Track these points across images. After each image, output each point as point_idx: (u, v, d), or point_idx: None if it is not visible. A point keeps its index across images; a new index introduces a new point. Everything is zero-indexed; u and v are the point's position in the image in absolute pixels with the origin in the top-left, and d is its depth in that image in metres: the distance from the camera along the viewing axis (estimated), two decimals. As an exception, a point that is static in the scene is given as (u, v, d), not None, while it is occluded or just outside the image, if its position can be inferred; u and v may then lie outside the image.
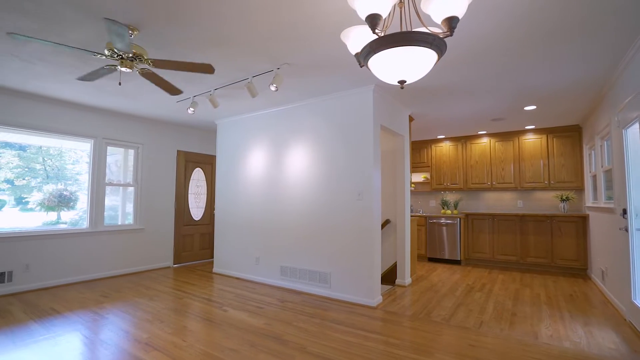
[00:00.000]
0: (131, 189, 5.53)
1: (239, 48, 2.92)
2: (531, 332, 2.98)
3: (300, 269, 4.33)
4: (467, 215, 6.35)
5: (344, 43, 2.81)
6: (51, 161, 4.78)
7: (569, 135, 5.72)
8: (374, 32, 1.39)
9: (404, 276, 4.58)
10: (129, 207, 5.52)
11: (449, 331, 3.02)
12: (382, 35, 1.42)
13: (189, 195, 6.25)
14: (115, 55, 2.51)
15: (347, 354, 2.56)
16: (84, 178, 4.99)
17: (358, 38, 1.64)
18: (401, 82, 1.54)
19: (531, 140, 6.03)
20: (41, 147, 4.67)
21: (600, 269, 4.45)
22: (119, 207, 5.43)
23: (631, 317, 3.14)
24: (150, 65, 2.69)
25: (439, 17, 1.38)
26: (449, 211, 6.65)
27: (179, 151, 6.09)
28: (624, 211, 3.22)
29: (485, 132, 6.42)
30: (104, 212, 5.12)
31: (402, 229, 4.63)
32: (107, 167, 5.20)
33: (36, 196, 4.62)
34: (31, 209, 4.57)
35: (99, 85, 3.90)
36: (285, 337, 2.85)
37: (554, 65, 3.24)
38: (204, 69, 2.81)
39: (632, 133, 3.10)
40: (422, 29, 1.48)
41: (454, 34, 1.45)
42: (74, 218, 4.93)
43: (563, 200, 5.72)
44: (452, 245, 6.24)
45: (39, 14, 2.40)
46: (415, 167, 7.22)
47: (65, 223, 4.85)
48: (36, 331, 2.98)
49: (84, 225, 4.93)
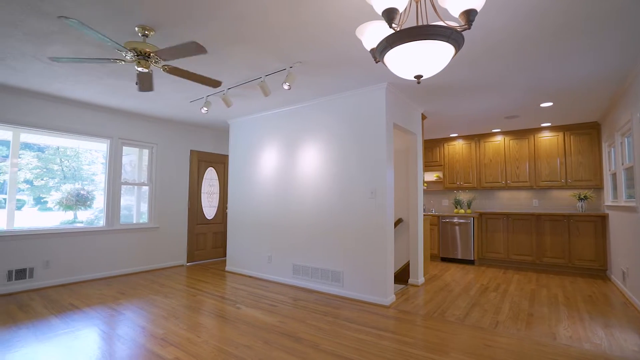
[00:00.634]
0: (145, 188, 5.62)
1: (252, 47, 2.94)
2: (549, 333, 2.92)
3: (313, 267, 4.34)
4: (480, 215, 6.26)
5: (357, 40, 2.80)
6: (68, 162, 4.90)
7: (587, 133, 5.58)
8: (390, 27, 1.38)
9: (417, 275, 4.54)
10: (143, 207, 5.62)
11: (464, 331, 2.98)
12: (399, 29, 1.41)
13: (201, 194, 6.32)
14: (135, 55, 2.56)
15: (361, 352, 2.55)
16: (99, 178, 5.10)
17: (373, 34, 1.64)
18: (418, 77, 1.53)
19: (547, 138, 5.90)
20: (58, 148, 4.79)
21: (621, 269, 4.32)
22: (132, 206, 5.53)
23: (654, 318, 3.04)
24: (166, 71, 2.74)
25: (456, 10, 1.36)
26: (462, 210, 6.56)
27: (192, 151, 6.17)
28: (647, 209, 3.12)
29: (499, 130, 6.31)
30: (120, 211, 5.23)
31: (415, 227, 4.59)
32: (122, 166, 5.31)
33: (55, 195, 4.74)
34: (49, 208, 4.69)
35: (116, 86, 3.98)
36: (299, 335, 2.86)
37: (572, 60, 3.16)
38: (212, 83, 2.88)
39: (655, 129, 3.01)
40: (439, 23, 1.46)
41: (471, 27, 1.43)
42: (89, 218, 5.04)
43: (581, 199, 5.58)
44: (465, 244, 6.15)
45: (59, 15, 2.45)
46: (427, 166, 7.15)
47: (82, 222, 4.96)
48: (56, 326, 3.06)
49: (100, 224, 5.04)
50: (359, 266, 3.91)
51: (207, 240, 6.36)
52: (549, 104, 4.52)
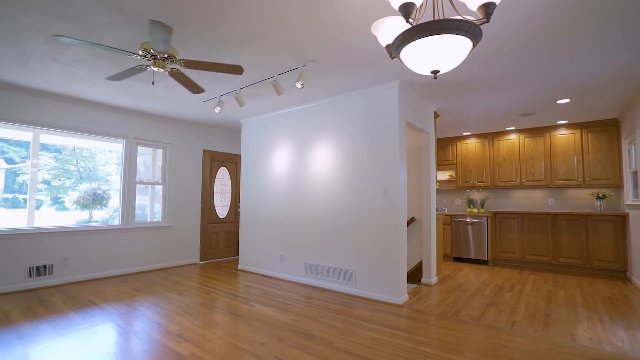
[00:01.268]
0: (158, 188, 5.72)
1: (265, 45, 2.96)
2: (567, 334, 2.86)
3: (325, 266, 4.34)
4: (494, 214, 6.16)
5: (370, 37, 2.79)
6: (84, 162, 5.01)
7: (606, 130, 5.43)
8: (407, 22, 1.38)
9: (430, 275, 4.50)
10: (157, 207, 5.71)
11: (479, 331, 2.94)
12: (416, 24, 1.40)
13: (214, 193, 6.39)
14: (148, 56, 2.61)
15: (375, 350, 2.54)
16: (114, 178, 5.21)
17: (389, 29, 1.63)
18: (435, 72, 1.52)
19: (564, 135, 5.77)
20: (75, 149, 4.90)
21: (641, 270, 4.20)
22: (146, 206, 5.63)
23: (679, 320, 2.95)
24: (182, 65, 2.77)
25: (474, 4, 1.34)
26: (475, 210, 6.47)
27: (204, 150, 6.24)
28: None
29: (513, 128, 6.20)
30: (135, 210, 5.32)
31: (428, 226, 4.55)
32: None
33: (72, 195, 4.86)
34: (66, 208, 4.81)
35: (131, 87, 4.06)
36: (312, 333, 2.87)
37: (591, 54, 3.08)
38: (234, 70, 2.87)
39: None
40: (456, 17, 1.44)
41: (490, 20, 1.41)
42: (104, 217, 5.15)
43: (599, 198, 5.44)
44: (479, 244, 6.07)
45: (78, 18, 2.52)
46: (439, 165, 7.08)
47: (97, 222, 5.07)
48: (76, 321, 3.13)
49: (115, 223, 5.14)
50: (371, 265, 3.90)
51: (220, 239, 6.42)
52: (566, 100, 4.43)
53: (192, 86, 3.29)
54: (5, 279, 4.04)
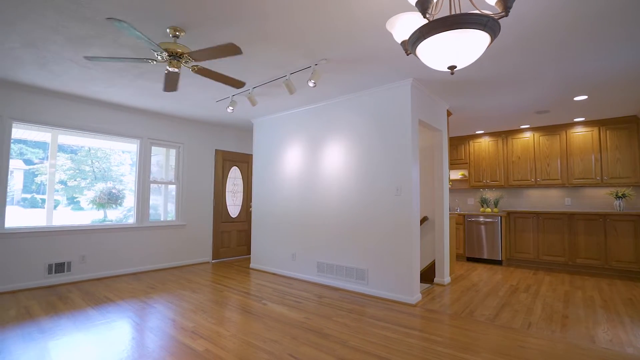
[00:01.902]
0: (171, 188, 5.80)
1: (278, 44, 2.97)
2: (587, 336, 2.79)
3: (337, 265, 4.33)
4: (508, 214, 6.06)
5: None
6: (98, 163, 5.12)
7: (625, 127, 5.29)
8: (424, 17, 1.36)
9: (443, 275, 4.45)
10: (170, 207, 5.79)
11: (494, 331, 2.89)
12: (432, 19, 1.39)
13: (226, 193, 6.45)
14: (164, 58, 2.65)
15: (389, 349, 2.53)
16: (127, 179, 5.31)
17: (405, 26, 1.62)
18: (451, 67, 1.50)
19: (581, 133, 5.64)
20: (90, 150, 5.01)
21: (663, 271, 4.07)
22: (159, 205, 5.71)
23: None
24: (194, 71, 2.82)
25: (493, -2, 1.33)
26: (488, 209, 6.37)
27: (217, 150, 6.31)
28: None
29: (528, 126, 6.09)
30: (149, 209, 5.41)
31: (441, 226, 4.50)
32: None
33: (88, 194, 4.97)
34: (81, 208, 4.91)
35: (146, 87, 4.12)
36: (325, 331, 2.87)
37: (610, 49, 3.01)
38: (236, 84, 2.94)
39: None
40: (474, 12, 1.43)
41: (509, 14, 1.39)
42: (118, 217, 5.24)
43: (618, 197, 5.30)
44: (492, 244, 5.97)
45: (97, 20, 2.58)
46: (452, 164, 7.00)
47: (111, 221, 5.17)
48: (93, 316, 3.20)
49: (129, 222, 5.24)
50: (384, 264, 3.88)
51: (232, 238, 6.48)
52: (584, 97, 4.32)
53: (229, 81, 3.14)
54: (27, 275, 4.16)
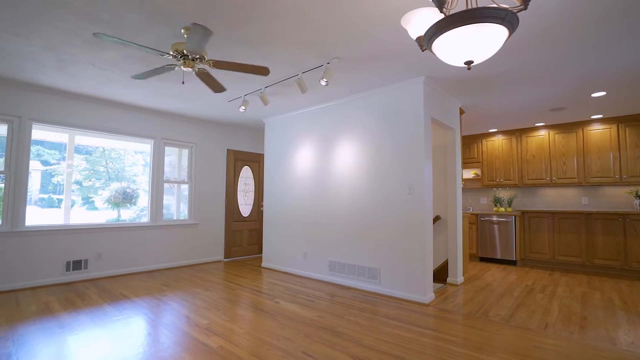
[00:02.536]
0: (183, 188, 5.87)
1: (291, 43, 2.99)
2: (607, 338, 2.72)
3: (349, 264, 4.33)
4: (523, 213, 5.95)
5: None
6: (112, 164, 5.22)
7: (645, 124, 5.14)
8: (441, 12, 1.35)
9: (456, 274, 4.41)
10: (182, 207, 5.86)
11: (509, 331, 2.85)
12: (449, 14, 1.38)
13: (237, 192, 6.50)
14: (179, 56, 2.68)
15: (403, 348, 2.51)
16: (140, 179, 5.39)
17: (420, 21, 1.61)
18: (468, 63, 1.48)
19: (598, 130, 5.50)
20: (104, 151, 5.11)
21: (686, 272, 3.94)
22: (171, 205, 5.78)
23: None
24: (210, 66, 2.84)
25: (512, -9, 1.31)
26: (502, 209, 6.27)
27: (228, 150, 6.37)
28: None
29: (543, 124, 5.97)
30: (163, 208, 5.49)
31: (454, 225, 4.45)
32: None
33: (104, 194, 5.07)
34: (96, 207, 5.01)
35: (160, 88, 4.19)
36: (338, 330, 2.87)
37: (631, 44, 2.93)
38: (260, 71, 2.92)
39: None
40: (491, 5, 1.41)
41: (527, 7, 1.37)
42: (132, 216, 5.34)
43: (638, 196, 5.15)
44: (506, 244, 5.88)
45: (113, 22, 2.63)
46: (464, 163, 6.91)
47: (125, 220, 5.26)
48: (110, 313, 3.27)
49: (143, 221, 5.33)
50: (396, 263, 3.86)
51: (243, 237, 6.53)
52: (602, 93, 4.22)
53: (216, 85, 3.35)
54: (46, 272, 4.27)
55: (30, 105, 4.24)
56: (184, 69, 2.72)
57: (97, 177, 5.05)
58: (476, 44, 1.41)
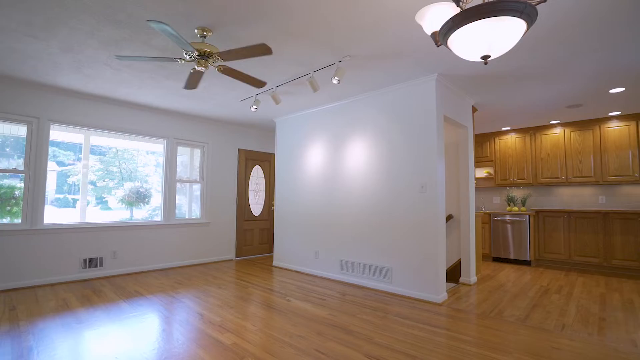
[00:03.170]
0: (195, 188, 5.94)
1: (303, 42, 2.99)
2: (627, 340, 2.65)
3: (360, 263, 4.31)
4: (537, 212, 5.85)
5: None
6: (125, 164, 5.30)
7: (665, 121, 4.99)
8: (458, 5, 1.34)
9: (469, 274, 4.35)
10: (194, 207, 5.92)
11: (525, 332, 2.80)
12: (466, 8, 1.36)
13: (249, 191, 6.55)
14: (191, 58, 2.72)
15: (416, 347, 2.49)
16: (152, 179, 5.46)
17: (435, 16, 1.59)
18: (485, 57, 1.47)
19: (616, 128, 5.36)
20: (117, 152, 5.19)
21: None
22: (182, 205, 5.83)
23: None
24: (220, 70, 2.88)
25: (531, -17, 1.28)
26: (515, 208, 6.17)
27: (239, 149, 6.42)
28: None
29: (558, 122, 5.85)
30: (175, 208, 5.56)
31: (467, 224, 4.40)
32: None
33: (118, 193, 5.16)
34: (109, 207, 5.10)
35: (174, 88, 4.25)
36: (351, 328, 2.86)
37: (651, 38, 2.85)
38: (256, 83, 2.97)
39: None
40: (509, -1, 1.39)
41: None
42: (144, 216, 5.41)
43: (658, 195, 5.01)
44: (519, 244, 5.78)
45: (129, 23, 2.68)
46: (476, 162, 6.82)
47: (138, 220, 5.34)
48: (125, 309, 3.33)
49: (156, 219, 5.41)
50: (409, 262, 3.83)
51: (254, 236, 6.57)
52: (620, 89, 4.11)
53: (251, 80, 3.23)
54: (64, 269, 4.37)
55: (48, 106, 4.35)
56: (198, 68, 2.76)
57: (110, 178, 5.14)
58: (493, 38, 1.39)
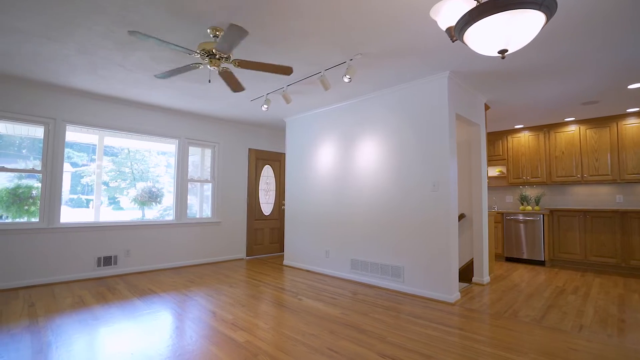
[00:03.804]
0: (206, 187, 5.99)
1: (315, 41, 2.99)
2: (648, 341, 2.58)
3: (372, 262, 4.29)
4: (551, 212, 5.73)
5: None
6: (137, 165, 5.38)
7: (686, 118, 4.85)
8: (475, -1, 1.32)
9: (482, 274, 4.29)
10: (205, 206, 5.97)
11: (541, 332, 2.75)
12: (483, 1, 1.34)
13: (259, 191, 6.58)
14: (205, 55, 2.74)
15: (429, 346, 2.47)
16: (163, 179, 5.52)
17: (451, 11, 1.57)
18: (502, 51, 1.44)
19: (634, 125, 5.22)
20: (129, 153, 5.27)
21: None
22: (193, 205, 5.88)
23: None
24: (236, 65, 2.89)
25: (551, -25, 1.26)
26: (529, 207, 6.07)
27: (250, 149, 6.45)
28: None
29: (573, 119, 5.73)
30: (187, 207, 5.62)
31: (479, 223, 4.34)
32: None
33: (131, 192, 5.24)
34: (121, 207, 5.18)
35: (185, 89, 4.29)
36: (363, 327, 2.85)
37: (673, 31, 2.77)
38: (283, 70, 2.95)
39: None
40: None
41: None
42: (155, 216, 5.48)
43: (678, 194, 4.86)
44: (532, 244, 5.68)
45: (143, 24, 2.71)
46: (488, 161, 6.72)
47: (150, 220, 5.40)
48: (140, 307, 3.37)
49: (167, 218, 5.47)
50: (421, 261, 3.80)
51: (265, 236, 6.60)
52: (639, 85, 4.01)
53: (236, 85, 3.38)
54: (79, 267, 4.46)
55: (64, 107, 4.44)
56: (210, 67, 2.78)
57: (122, 178, 5.22)
58: (511, 32, 1.36)
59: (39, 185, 4.29)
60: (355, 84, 4.06)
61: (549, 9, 1.31)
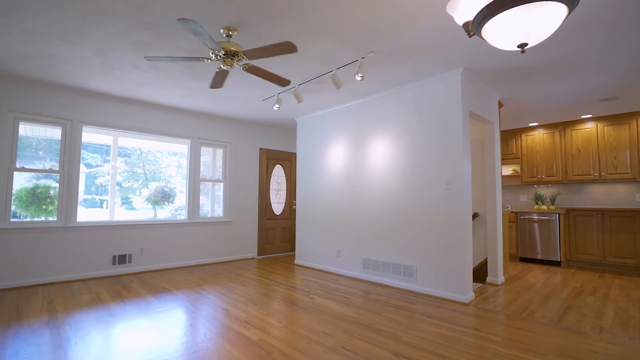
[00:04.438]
0: (218, 187, 6.03)
1: (327, 38, 2.98)
2: (672, 344, 2.50)
3: (384, 262, 4.27)
4: (568, 211, 5.61)
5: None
6: (149, 165, 5.45)
7: None
8: (494, -8, 1.29)
9: (496, 274, 4.22)
10: (216, 206, 6.02)
11: (559, 334, 2.68)
12: (502, -5, 1.31)
13: (270, 190, 6.61)
14: (217, 57, 2.76)
15: (444, 346, 2.44)
16: (174, 179, 5.58)
17: (467, 6, 1.55)
18: (522, 45, 1.41)
19: (654, 121, 5.08)
20: (141, 154, 5.34)
21: None
22: (204, 205, 5.92)
23: None
24: (245, 58, 2.90)
25: (573, -34, 1.23)
26: (544, 206, 5.94)
27: (261, 149, 6.48)
28: None
29: (590, 116, 5.59)
30: (199, 206, 5.68)
31: (493, 223, 4.27)
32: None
33: (144, 192, 5.31)
34: (134, 207, 5.25)
35: (197, 89, 4.33)
36: (376, 326, 2.83)
37: (697, 24, 2.67)
38: (281, 82, 2.98)
39: None
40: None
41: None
42: (167, 215, 5.54)
43: (702, 192, 4.70)
44: (547, 244, 5.57)
45: (157, 25, 2.75)
46: (502, 159, 6.61)
47: (163, 219, 5.47)
48: (154, 304, 3.42)
49: (180, 218, 5.53)
50: (434, 261, 3.75)
51: (276, 235, 6.63)
52: (660, 80, 3.89)
53: (276, 79, 3.26)
54: (96, 265, 4.55)
55: (80, 108, 4.53)
56: (223, 67, 2.80)
57: (135, 179, 5.30)
58: (532, 25, 1.33)
59: (57, 185, 4.39)
60: (367, 82, 4.03)
61: (571, 0, 1.28)
